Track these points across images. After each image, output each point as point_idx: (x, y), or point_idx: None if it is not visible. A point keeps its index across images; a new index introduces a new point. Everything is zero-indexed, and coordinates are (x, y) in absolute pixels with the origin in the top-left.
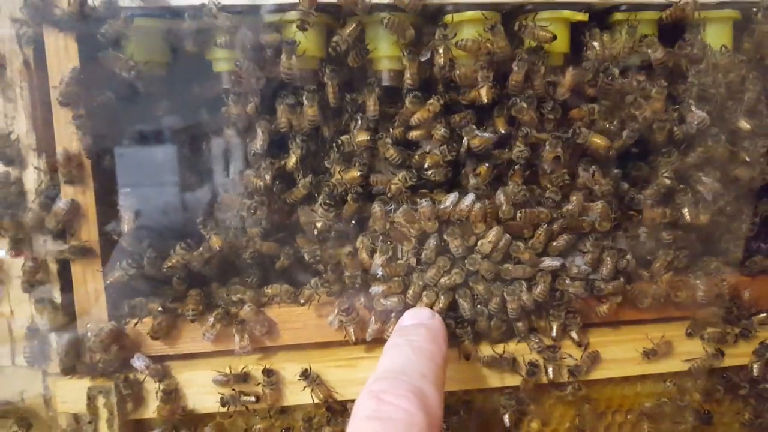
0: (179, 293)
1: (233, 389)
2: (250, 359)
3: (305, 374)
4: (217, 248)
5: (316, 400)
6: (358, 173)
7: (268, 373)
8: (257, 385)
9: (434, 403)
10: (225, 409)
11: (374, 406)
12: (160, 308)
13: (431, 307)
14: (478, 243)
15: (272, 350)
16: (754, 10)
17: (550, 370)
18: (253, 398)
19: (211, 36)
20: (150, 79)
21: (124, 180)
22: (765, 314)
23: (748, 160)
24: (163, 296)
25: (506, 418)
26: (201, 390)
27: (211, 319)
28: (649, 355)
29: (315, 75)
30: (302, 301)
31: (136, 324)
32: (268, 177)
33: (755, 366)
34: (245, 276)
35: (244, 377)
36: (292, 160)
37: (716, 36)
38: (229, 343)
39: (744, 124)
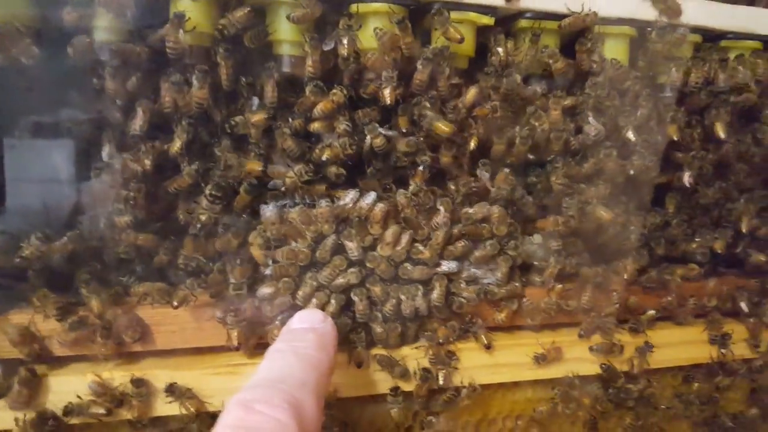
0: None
1: (79, 397)
2: (118, 366)
3: (171, 389)
4: (81, 241)
5: (187, 413)
6: (258, 167)
7: (137, 383)
8: (122, 395)
9: (311, 413)
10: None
11: (241, 414)
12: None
13: (323, 309)
14: (378, 243)
15: (143, 355)
16: (649, 29)
17: (440, 375)
18: (103, 410)
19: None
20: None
21: None
22: (653, 311)
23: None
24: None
25: (394, 414)
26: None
27: (66, 326)
28: (540, 360)
29: (207, 53)
30: (175, 303)
31: None
32: (147, 162)
33: (635, 362)
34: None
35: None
36: (176, 145)
37: (613, 51)
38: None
39: (631, 136)
